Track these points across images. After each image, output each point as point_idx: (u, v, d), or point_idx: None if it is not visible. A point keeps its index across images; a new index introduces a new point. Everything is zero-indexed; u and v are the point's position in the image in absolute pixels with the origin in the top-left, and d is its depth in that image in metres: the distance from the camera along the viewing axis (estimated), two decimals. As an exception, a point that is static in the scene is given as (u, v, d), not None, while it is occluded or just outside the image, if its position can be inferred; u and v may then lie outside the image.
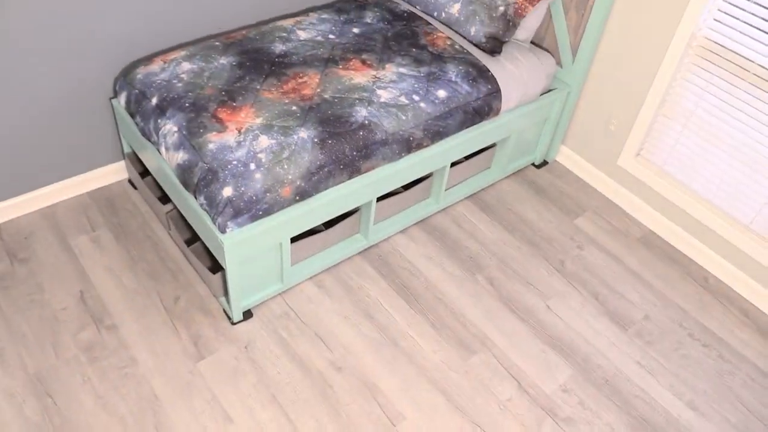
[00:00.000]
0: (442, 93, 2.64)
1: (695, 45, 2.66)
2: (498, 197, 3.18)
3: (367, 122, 2.45)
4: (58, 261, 2.62)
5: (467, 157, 3.08)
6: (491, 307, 2.67)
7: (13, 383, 2.23)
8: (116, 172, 2.98)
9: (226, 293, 2.45)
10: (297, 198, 2.31)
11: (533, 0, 2.81)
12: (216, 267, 2.57)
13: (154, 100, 2.46)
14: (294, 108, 2.44)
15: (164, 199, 2.80)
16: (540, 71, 2.93)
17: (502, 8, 2.82)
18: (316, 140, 2.34)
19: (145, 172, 2.86)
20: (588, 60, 3.02)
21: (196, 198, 2.26)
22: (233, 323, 2.48)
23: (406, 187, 2.91)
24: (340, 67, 2.67)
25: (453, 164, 3.02)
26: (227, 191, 2.16)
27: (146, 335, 2.41)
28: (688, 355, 2.59)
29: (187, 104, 2.40)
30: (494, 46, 2.85)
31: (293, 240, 2.63)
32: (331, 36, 2.85)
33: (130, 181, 2.99)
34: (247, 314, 2.51)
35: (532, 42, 3.22)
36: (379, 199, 2.82)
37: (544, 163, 3.42)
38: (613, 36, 2.94)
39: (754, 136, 2.60)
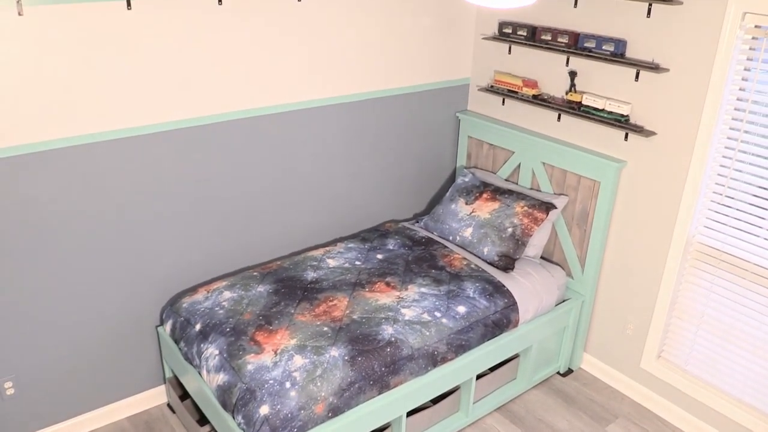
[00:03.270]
0: (462, 309, 2.84)
1: (693, 250, 2.88)
2: (527, 408, 3.20)
3: (393, 339, 2.62)
4: (95, 491, 2.65)
5: (493, 369, 3.17)
6: None
7: None
8: (155, 396, 3.11)
9: None
10: (329, 414, 2.40)
11: (537, 221, 3.13)
12: (250, 491, 2.57)
13: (198, 327, 2.68)
14: (325, 329, 2.63)
15: (202, 421, 2.89)
16: (552, 283, 3.15)
17: (510, 230, 3.13)
18: (346, 358, 2.49)
19: (183, 396, 2.98)
20: (596, 270, 3.24)
21: (234, 418, 2.36)
22: None
23: (435, 401, 2.98)
24: (367, 289, 2.92)
25: (479, 376, 3.11)
26: (264, 409, 2.28)
27: None
28: None
29: (228, 329, 2.61)
30: (507, 263, 3.10)
31: (326, 459, 2.65)
32: (357, 262, 3.15)
33: (168, 405, 3.11)
34: None
35: (542, 257, 3.48)
36: (410, 414, 2.88)
37: (570, 371, 3.48)
38: (616, 246, 3.19)
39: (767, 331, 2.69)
